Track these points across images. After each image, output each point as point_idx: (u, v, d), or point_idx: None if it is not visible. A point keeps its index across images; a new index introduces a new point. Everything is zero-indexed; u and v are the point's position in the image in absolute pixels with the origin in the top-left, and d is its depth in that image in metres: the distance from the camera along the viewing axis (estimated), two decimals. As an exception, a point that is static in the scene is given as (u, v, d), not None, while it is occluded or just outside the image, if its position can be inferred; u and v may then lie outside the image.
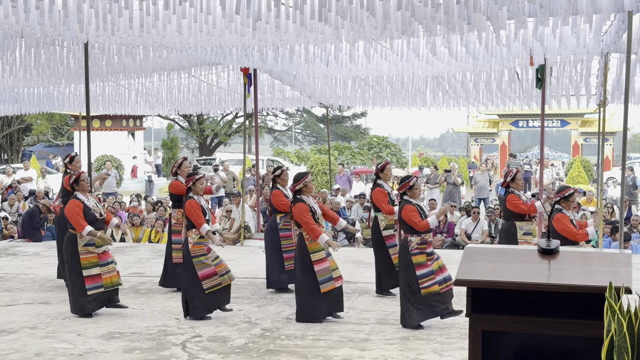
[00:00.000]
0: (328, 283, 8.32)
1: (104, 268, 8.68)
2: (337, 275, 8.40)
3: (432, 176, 23.33)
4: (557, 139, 63.40)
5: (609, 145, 39.25)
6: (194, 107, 19.91)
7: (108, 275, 8.70)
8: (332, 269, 8.38)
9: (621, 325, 3.43)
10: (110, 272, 8.73)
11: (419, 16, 8.51)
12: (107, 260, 8.73)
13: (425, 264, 8.02)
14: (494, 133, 44.46)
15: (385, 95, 17.45)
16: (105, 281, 8.68)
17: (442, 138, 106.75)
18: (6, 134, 42.11)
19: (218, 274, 8.54)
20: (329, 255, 8.42)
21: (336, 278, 8.39)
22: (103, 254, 8.70)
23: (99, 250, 8.67)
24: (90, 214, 8.60)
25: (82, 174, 8.85)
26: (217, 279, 8.52)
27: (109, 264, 8.74)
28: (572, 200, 8.45)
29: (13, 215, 17.86)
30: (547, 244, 4.10)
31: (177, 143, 42.36)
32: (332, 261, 8.44)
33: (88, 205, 8.62)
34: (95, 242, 8.64)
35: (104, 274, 8.68)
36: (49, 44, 12.10)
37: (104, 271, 8.69)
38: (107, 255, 8.75)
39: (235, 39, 10.43)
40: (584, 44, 11.37)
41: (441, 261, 8.20)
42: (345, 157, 38.47)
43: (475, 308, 3.93)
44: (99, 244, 8.64)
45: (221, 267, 8.59)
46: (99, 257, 8.67)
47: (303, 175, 8.62)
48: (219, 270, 8.57)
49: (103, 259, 8.69)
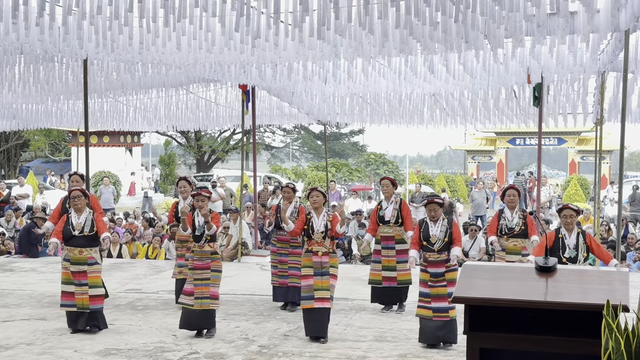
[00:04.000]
0: (307, 301, 8.27)
1: (78, 288, 8.50)
2: (319, 297, 8.22)
3: (416, 194, 23.24)
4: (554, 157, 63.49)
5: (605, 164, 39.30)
6: (191, 123, 19.95)
7: (81, 297, 8.49)
8: (314, 288, 8.27)
9: (619, 343, 3.44)
10: (83, 294, 8.49)
11: (417, 34, 8.56)
12: (82, 282, 8.49)
13: (426, 283, 8.02)
14: (491, 151, 44.56)
15: (383, 112, 17.50)
16: (78, 301, 8.50)
17: (439, 155, 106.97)
18: (4, 150, 42.11)
19: (194, 295, 8.40)
20: (318, 276, 8.29)
21: (317, 299, 8.21)
22: (80, 274, 8.50)
23: (74, 268, 8.50)
24: (66, 229, 8.59)
25: (73, 192, 8.81)
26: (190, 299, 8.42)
27: (82, 285, 8.49)
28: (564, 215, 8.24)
29: (10, 231, 17.84)
30: (545, 262, 4.11)
31: (175, 159, 42.39)
32: (322, 281, 8.27)
33: (71, 221, 8.60)
34: (70, 258, 8.56)
35: (77, 293, 8.49)
36: (48, 60, 12.14)
37: (78, 291, 8.49)
38: (84, 276, 8.49)
39: (234, 56, 10.47)
40: (581, 62, 11.42)
41: (444, 290, 7.95)
42: (342, 174, 38.51)
43: (473, 326, 3.93)
44: (74, 259, 8.51)
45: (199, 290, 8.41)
46: (73, 275, 8.52)
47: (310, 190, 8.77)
48: (197, 292, 8.41)
49: (78, 279, 8.50)
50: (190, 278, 8.48)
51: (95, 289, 8.55)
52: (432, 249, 8.09)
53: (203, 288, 8.40)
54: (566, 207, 8.15)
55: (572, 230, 8.06)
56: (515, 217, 9.55)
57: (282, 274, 9.97)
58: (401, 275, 9.67)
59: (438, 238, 8.09)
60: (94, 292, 8.53)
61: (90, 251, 8.57)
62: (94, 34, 9.16)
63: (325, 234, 8.40)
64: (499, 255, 9.57)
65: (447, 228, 8.13)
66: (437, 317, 7.88)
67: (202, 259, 8.48)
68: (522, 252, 9.41)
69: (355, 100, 17.27)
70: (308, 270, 8.34)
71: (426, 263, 8.08)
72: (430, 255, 8.08)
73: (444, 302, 7.85)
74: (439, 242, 8.09)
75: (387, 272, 9.72)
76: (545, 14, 8.23)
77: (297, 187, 10.73)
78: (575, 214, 8.04)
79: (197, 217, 8.59)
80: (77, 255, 8.53)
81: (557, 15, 8.20)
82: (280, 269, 10.02)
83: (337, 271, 8.47)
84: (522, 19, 8.18)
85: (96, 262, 8.60)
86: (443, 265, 8.01)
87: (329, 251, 8.40)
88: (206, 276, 8.43)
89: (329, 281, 8.30)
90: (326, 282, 8.28)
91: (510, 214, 9.58)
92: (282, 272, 9.97)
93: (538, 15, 8.17)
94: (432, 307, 7.88)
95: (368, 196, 27.90)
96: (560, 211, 8.19)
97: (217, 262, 8.53)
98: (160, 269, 13.24)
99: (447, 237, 8.09)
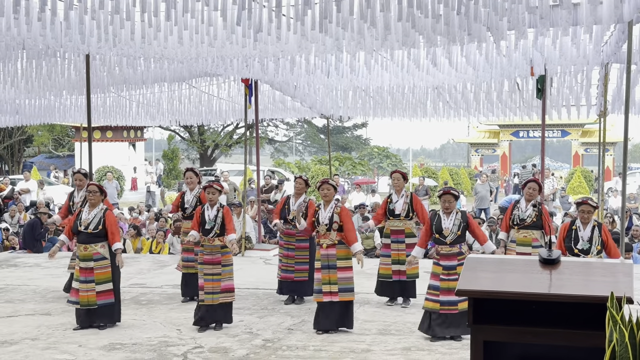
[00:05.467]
0: (317, 295, 8.39)
1: (82, 285, 8.48)
2: (326, 291, 8.29)
3: (420, 187, 23.21)
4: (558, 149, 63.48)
5: (609, 156, 39.28)
6: (194, 118, 19.96)
7: (85, 294, 8.47)
8: (322, 282, 8.33)
9: (623, 335, 3.43)
10: (88, 291, 8.47)
11: (419, 27, 8.54)
12: (87, 278, 8.47)
13: (437, 276, 8.00)
14: (494, 143, 44.51)
15: (386, 105, 17.48)
16: (81, 299, 8.48)
17: (442, 148, 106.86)
18: (7, 145, 42.17)
19: (204, 291, 8.48)
20: (325, 269, 8.34)
21: (325, 293, 8.29)
22: (86, 271, 8.48)
23: (82, 265, 8.50)
24: (75, 224, 8.61)
25: (90, 186, 8.84)
26: (202, 294, 8.51)
27: (87, 282, 8.48)
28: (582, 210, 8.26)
29: (14, 227, 17.86)
30: (549, 254, 4.10)
31: (178, 154, 42.40)
32: (329, 275, 8.31)
33: (80, 216, 8.62)
34: (78, 255, 8.58)
35: (81, 290, 8.48)
36: (51, 55, 12.14)
37: (82, 288, 8.46)
38: (90, 273, 8.48)
39: (236, 50, 10.45)
40: (584, 54, 11.40)
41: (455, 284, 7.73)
42: (345, 167, 38.50)
43: (476, 318, 3.93)
44: (81, 255, 8.52)
45: (209, 285, 8.48)
46: (80, 272, 8.52)
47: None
48: (207, 287, 8.48)
49: (84, 275, 8.49)
50: (201, 272, 8.53)
51: (103, 285, 8.51)
52: (444, 241, 8.05)
53: (214, 283, 8.44)
54: (585, 202, 8.09)
55: (588, 223, 8.04)
56: (529, 208, 9.48)
57: (288, 268, 9.99)
58: (409, 269, 9.69)
59: (451, 231, 8.04)
60: (102, 287, 8.50)
61: (96, 247, 8.53)
62: (95, 28, 9.16)
63: (330, 226, 8.40)
64: (510, 247, 9.52)
65: (460, 221, 8.07)
66: (443, 310, 7.86)
67: (212, 253, 8.51)
68: (533, 243, 9.34)
69: (358, 94, 17.25)
70: (318, 263, 8.44)
71: (438, 256, 8.05)
72: (443, 248, 8.04)
73: (453, 296, 7.78)
74: (452, 235, 8.04)
75: (397, 265, 9.72)
76: (548, 5, 8.21)
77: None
78: (593, 210, 8.02)
79: (207, 211, 8.63)
80: (83, 252, 8.53)
81: (560, 6, 8.19)
82: (284, 263, 10.03)
83: (348, 262, 8.43)
84: (525, 11, 8.16)
85: (103, 257, 8.54)
86: (455, 258, 7.96)
87: (335, 243, 8.38)
88: (217, 271, 8.47)
89: (336, 274, 8.30)
90: (334, 275, 8.30)
91: (525, 205, 9.53)
92: (288, 267, 10.00)
93: (541, 6, 8.16)
94: (440, 300, 7.87)
95: (371, 189, 27.87)
96: (579, 205, 8.16)
97: (227, 257, 8.57)
98: (164, 264, 13.24)
99: (460, 230, 8.04)
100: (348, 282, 8.36)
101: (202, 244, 8.59)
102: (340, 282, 8.31)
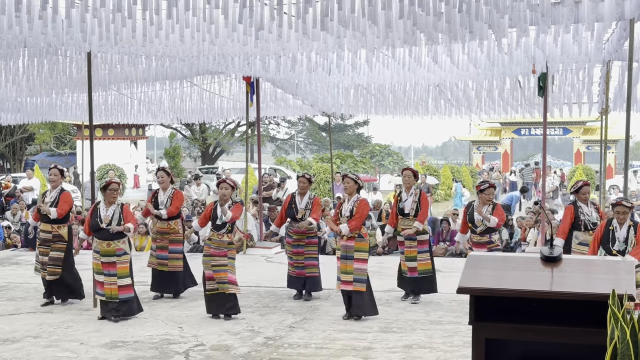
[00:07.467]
0: (337, 282, 8.88)
1: (107, 278, 8.80)
2: (344, 280, 8.75)
3: (421, 185, 23.17)
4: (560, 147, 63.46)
5: (611, 153, 39.28)
6: (196, 115, 19.94)
7: (109, 287, 8.80)
8: (341, 271, 8.78)
9: (624, 332, 3.43)
10: (112, 284, 8.79)
11: (421, 25, 8.53)
12: (111, 272, 8.79)
13: None
14: (496, 141, 44.50)
15: (388, 103, 17.45)
16: (106, 291, 8.81)
17: (444, 146, 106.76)
18: (9, 143, 42.18)
19: (215, 280, 8.79)
20: (344, 259, 8.76)
21: (343, 282, 8.75)
22: (109, 265, 8.79)
23: (104, 259, 8.79)
24: (94, 221, 8.86)
25: (112, 184, 9.09)
26: (213, 284, 8.83)
27: (111, 275, 8.79)
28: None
29: (16, 225, 17.87)
30: (550, 252, 4.10)
31: (180, 152, 42.44)
32: (346, 265, 8.75)
33: (98, 213, 8.87)
34: (99, 250, 8.79)
35: (105, 283, 8.80)
36: (52, 53, 12.12)
37: (107, 281, 8.80)
38: (113, 267, 8.79)
39: (237, 48, 10.46)
40: (585, 51, 11.38)
41: None
42: (347, 165, 38.47)
43: (478, 316, 3.93)
44: (103, 251, 8.76)
45: (219, 276, 8.80)
46: (102, 265, 8.81)
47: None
48: (217, 277, 8.79)
49: (107, 269, 8.80)
50: (208, 264, 8.84)
51: (124, 279, 8.84)
52: (475, 231, 9.21)
53: (222, 274, 8.78)
54: (619, 203, 8.13)
55: (624, 223, 8.05)
56: (593, 211, 9.64)
57: (298, 264, 10.12)
58: (421, 265, 9.79)
59: (483, 222, 9.15)
60: (123, 282, 8.83)
61: (118, 243, 8.87)
62: (97, 26, 9.16)
63: (349, 218, 8.81)
64: (578, 249, 9.58)
65: (490, 213, 9.11)
66: None
67: (219, 248, 8.86)
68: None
69: (359, 92, 17.23)
70: (338, 252, 8.94)
71: (471, 243, 9.10)
72: (474, 237, 9.11)
73: None
74: (482, 226, 9.17)
75: (410, 262, 9.85)
76: (549, 3, 8.20)
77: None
78: (628, 210, 8.06)
79: (219, 207, 8.89)
80: (105, 248, 8.83)
81: (561, 4, 8.18)
82: (295, 260, 10.14)
83: (364, 255, 8.82)
84: (527, 8, 8.15)
85: (125, 253, 8.90)
86: (485, 247, 9.04)
87: (354, 236, 8.77)
88: (223, 262, 8.81)
89: (352, 265, 8.73)
90: (350, 266, 8.74)
91: (587, 209, 9.64)
92: (298, 264, 10.12)
93: (542, 4, 8.14)
94: None
95: (373, 187, 27.85)
96: (614, 206, 8.20)
97: (232, 252, 8.94)
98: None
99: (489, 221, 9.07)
100: (362, 274, 8.76)
101: (210, 237, 8.91)
102: (356, 272, 8.74)
